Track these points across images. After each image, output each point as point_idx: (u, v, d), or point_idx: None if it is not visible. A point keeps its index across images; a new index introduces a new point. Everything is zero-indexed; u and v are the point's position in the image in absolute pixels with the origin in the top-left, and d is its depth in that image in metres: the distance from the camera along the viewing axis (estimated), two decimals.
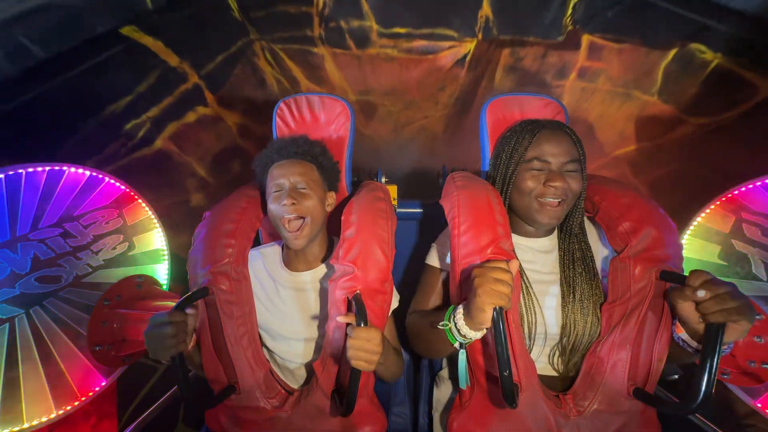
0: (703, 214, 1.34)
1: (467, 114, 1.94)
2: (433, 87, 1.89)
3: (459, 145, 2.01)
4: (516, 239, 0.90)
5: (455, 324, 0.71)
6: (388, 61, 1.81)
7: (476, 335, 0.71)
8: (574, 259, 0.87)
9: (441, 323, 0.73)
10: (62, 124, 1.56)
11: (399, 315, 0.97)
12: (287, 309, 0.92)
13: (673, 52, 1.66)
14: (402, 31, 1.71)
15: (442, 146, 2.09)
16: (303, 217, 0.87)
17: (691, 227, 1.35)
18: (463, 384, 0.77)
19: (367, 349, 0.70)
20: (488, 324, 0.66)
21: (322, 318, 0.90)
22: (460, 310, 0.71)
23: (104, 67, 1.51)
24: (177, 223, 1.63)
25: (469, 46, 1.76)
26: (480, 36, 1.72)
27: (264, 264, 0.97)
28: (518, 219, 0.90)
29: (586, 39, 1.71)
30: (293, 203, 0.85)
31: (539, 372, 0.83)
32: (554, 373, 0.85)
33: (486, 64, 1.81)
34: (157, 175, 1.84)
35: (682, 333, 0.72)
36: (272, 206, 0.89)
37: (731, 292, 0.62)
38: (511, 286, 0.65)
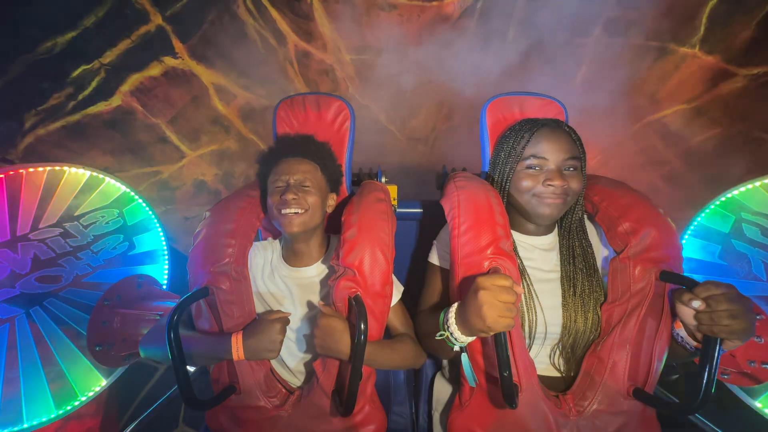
0: (703, 214, 1.34)
1: (476, 82, 1.68)
2: (438, 43, 1.65)
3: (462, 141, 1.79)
4: (517, 237, 0.90)
5: (449, 331, 0.71)
6: (386, 9, 1.58)
7: (471, 339, 0.72)
8: (574, 255, 0.87)
9: (438, 334, 0.74)
10: None
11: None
12: (286, 301, 0.93)
13: None
14: None
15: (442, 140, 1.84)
16: (302, 212, 0.88)
17: (691, 227, 1.36)
18: (472, 382, 0.77)
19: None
20: (485, 335, 0.66)
21: None
22: (451, 316, 0.71)
23: None
24: (147, 199, 1.43)
25: None
26: None
27: (264, 256, 0.98)
28: (519, 217, 0.90)
29: None
30: (294, 198, 0.86)
31: (542, 374, 0.83)
32: (557, 374, 0.85)
33: (498, 16, 1.58)
34: (118, 138, 1.58)
35: (680, 329, 0.72)
36: (272, 199, 0.89)
37: (731, 311, 0.61)
38: (515, 308, 0.65)
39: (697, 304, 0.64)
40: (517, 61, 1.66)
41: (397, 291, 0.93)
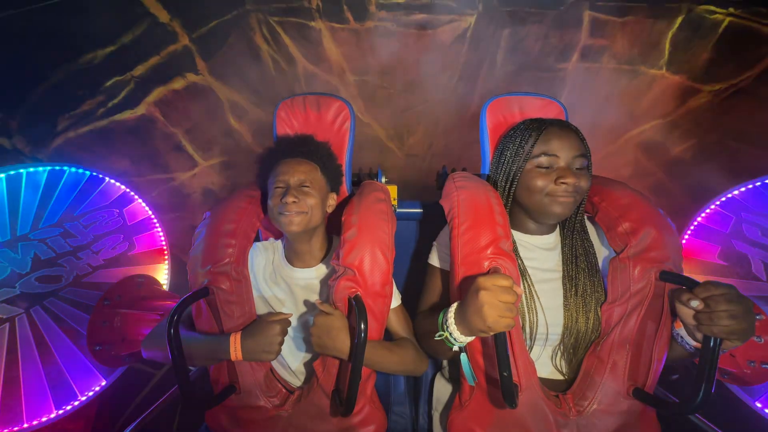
0: (703, 214, 1.34)
1: (469, 101, 1.85)
2: (433, 66, 1.83)
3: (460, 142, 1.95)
4: (518, 236, 0.90)
5: (448, 331, 0.71)
6: (386, 36, 1.76)
7: (470, 339, 0.72)
8: (576, 255, 0.87)
9: (437, 334, 0.74)
10: (27, 65, 1.41)
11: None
12: (287, 302, 0.93)
13: (680, 19, 1.61)
14: (401, 0, 1.68)
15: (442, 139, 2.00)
16: (302, 213, 0.88)
17: (691, 227, 1.36)
18: (471, 380, 0.77)
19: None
20: (484, 335, 0.66)
21: None
22: (451, 316, 0.71)
23: (82, 5, 1.36)
24: (158, 204, 1.55)
25: (469, 20, 1.72)
26: (480, 8, 1.69)
27: (266, 256, 0.98)
28: (521, 216, 0.90)
29: (587, 15, 1.66)
30: (294, 201, 0.86)
31: (544, 376, 0.83)
32: (560, 377, 0.85)
33: (487, 44, 1.75)
34: (138, 144, 1.74)
35: (680, 329, 0.72)
36: (273, 202, 0.89)
37: (730, 312, 0.61)
38: (515, 309, 0.65)
39: (695, 303, 0.64)
40: (506, 83, 1.85)
41: (396, 298, 0.93)
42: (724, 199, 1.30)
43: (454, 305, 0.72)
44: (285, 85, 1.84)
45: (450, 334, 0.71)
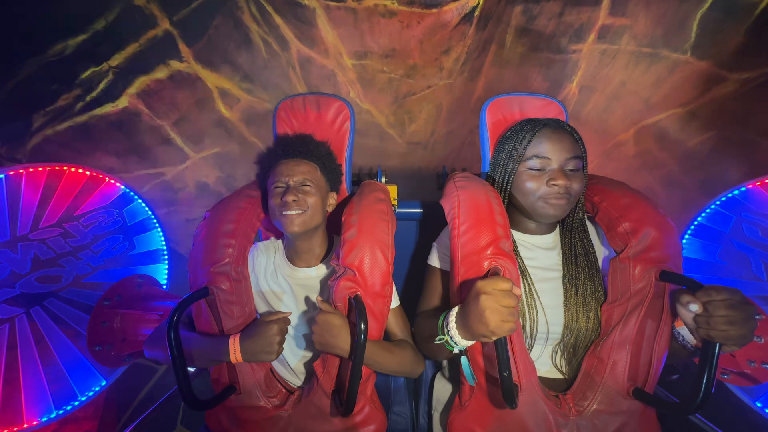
0: (703, 214, 1.34)
1: (475, 86, 1.71)
2: (437, 49, 1.66)
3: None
4: (518, 236, 0.90)
5: (449, 335, 0.71)
6: (387, 16, 1.58)
7: (471, 342, 0.71)
8: (576, 255, 0.87)
9: (437, 338, 0.73)
10: None
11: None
12: (288, 301, 0.94)
13: None
14: None
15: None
16: (303, 211, 0.88)
17: (691, 227, 1.36)
18: (471, 381, 0.77)
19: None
20: (486, 339, 0.66)
21: None
22: (452, 320, 0.71)
23: None
24: (150, 200, 1.46)
25: None
26: None
27: (267, 256, 0.98)
28: (520, 216, 0.90)
29: None
30: (294, 200, 0.86)
31: (544, 375, 0.83)
32: (560, 376, 0.85)
33: (496, 23, 1.59)
34: (123, 139, 1.61)
35: (681, 327, 0.72)
36: (273, 201, 0.89)
37: (729, 317, 0.61)
38: (517, 312, 0.65)
39: (695, 307, 0.64)
40: (515, 66, 1.70)
41: (394, 299, 0.92)
42: (724, 198, 1.30)
43: (455, 309, 0.72)
44: (278, 69, 1.70)
45: (451, 338, 0.71)
